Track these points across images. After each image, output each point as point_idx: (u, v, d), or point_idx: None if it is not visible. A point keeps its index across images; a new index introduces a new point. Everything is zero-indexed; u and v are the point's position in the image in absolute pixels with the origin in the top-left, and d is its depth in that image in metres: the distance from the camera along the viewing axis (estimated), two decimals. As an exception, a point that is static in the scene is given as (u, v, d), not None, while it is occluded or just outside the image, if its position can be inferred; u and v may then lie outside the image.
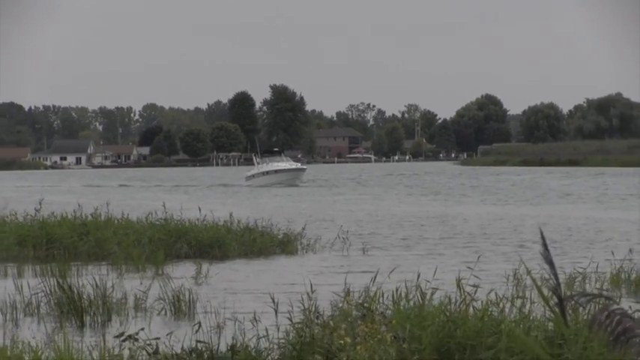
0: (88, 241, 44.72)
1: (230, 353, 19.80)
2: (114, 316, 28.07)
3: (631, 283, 30.44)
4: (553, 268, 6.40)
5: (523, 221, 61.64)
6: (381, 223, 62.97)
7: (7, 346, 12.72)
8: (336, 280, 21.74)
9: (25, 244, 45.26)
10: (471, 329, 19.06)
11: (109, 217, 48.67)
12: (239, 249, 45.08)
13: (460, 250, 43.78)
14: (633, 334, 6.03)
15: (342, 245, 46.74)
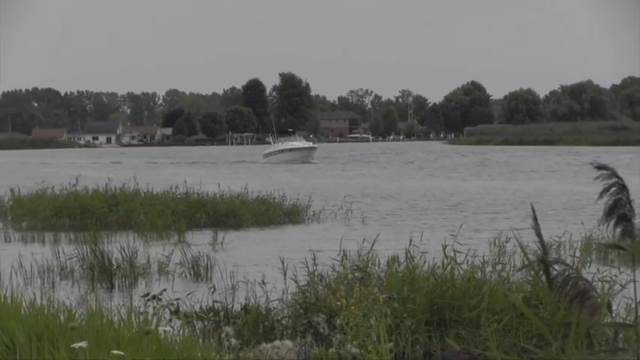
0: (117, 211, 44.90)
1: (243, 312, 19.81)
2: (139, 278, 28.12)
3: (600, 250, 30.46)
4: (541, 239, 6.37)
5: (505, 194, 61.58)
6: (378, 196, 62.95)
7: (44, 306, 12.68)
8: (337, 247, 21.65)
9: (61, 214, 45.37)
10: (459, 290, 19.07)
11: (137, 190, 48.78)
12: (252, 219, 45.21)
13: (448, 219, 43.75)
14: (588, 296, 6.02)
15: (344, 216, 46.81)
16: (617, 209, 6.09)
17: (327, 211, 48.25)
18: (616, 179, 6.11)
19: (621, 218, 6.10)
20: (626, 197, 6.06)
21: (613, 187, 6.09)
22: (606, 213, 6.09)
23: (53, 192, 49.81)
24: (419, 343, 18.04)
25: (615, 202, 6.10)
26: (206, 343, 11.85)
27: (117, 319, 12.15)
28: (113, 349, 9.99)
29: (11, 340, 10.82)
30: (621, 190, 6.08)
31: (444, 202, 58.38)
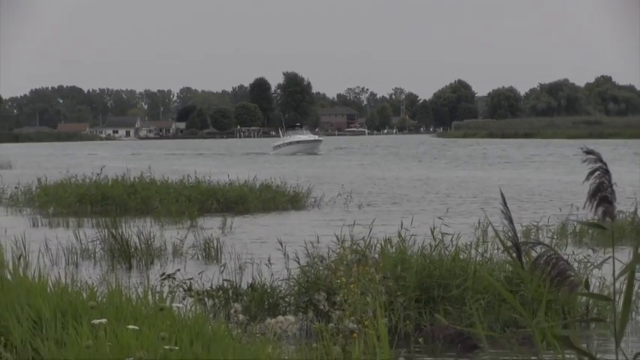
0: (135, 198, 45.01)
1: (250, 290, 19.81)
2: (155, 259, 28.12)
3: (576, 234, 30.44)
4: (511, 223, 6.33)
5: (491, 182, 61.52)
6: (374, 184, 62.94)
7: (68, 285, 12.65)
8: (336, 231, 21.66)
9: (84, 201, 45.47)
10: (446, 270, 19.07)
11: (153, 179, 48.86)
12: (258, 205, 45.31)
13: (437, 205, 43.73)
14: (566, 275, 5.99)
15: (343, 202, 46.80)
16: (600, 192, 6.09)
17: (327, 197, 48.32)
18: (600, 164, 6.11)
19: (603, 200, 6.10)
20: (608, 181, 6.06)
21: (597, 171, 6.09)
22: (590, 195, 6.09)
23: (77, 181, 49.95)
24: (410, 319, 18.02)
25: (599, 185, 6.10)
26: (216, 319, 11.83)
27: (134, 296, 12.15)
28: (131, 324, 9.97)
29: (38, 315, 10.81)
30: (604, 174, 6.08)
31: (433, 189, 58.41)
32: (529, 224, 30.56)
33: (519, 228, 30.23)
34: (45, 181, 51.42)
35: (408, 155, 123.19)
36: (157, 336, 9.28)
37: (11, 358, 9.86)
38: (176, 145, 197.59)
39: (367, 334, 7.79)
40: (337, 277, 8.00)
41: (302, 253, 20.81)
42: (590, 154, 6.11)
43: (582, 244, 29.05)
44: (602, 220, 6.07)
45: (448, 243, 20.46)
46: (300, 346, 10.60)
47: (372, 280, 7.70)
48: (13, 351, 10.12)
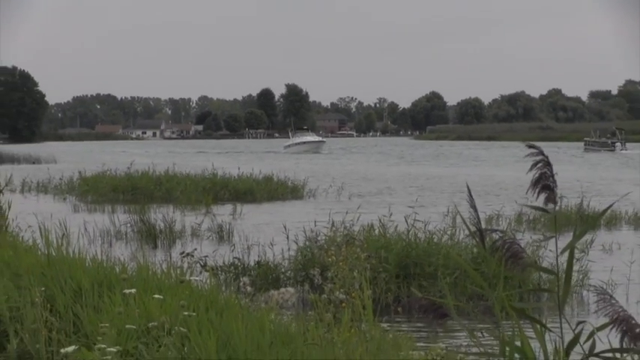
0: (160, 189, 45.14)
1: (256, 266, 19.84)
2: (177, 240, 28.11)
3: (530, 221, 30.45)
4: (475, 211, 6.34)
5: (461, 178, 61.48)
6: (362, 178, 62.94)
7: (103, 260, 12.65)
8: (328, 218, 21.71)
9: (117, 190, 45.61)
10: (421, 251, 19.10)
11: (175, 173, 49.00)
12: (264, 195, 45.40)
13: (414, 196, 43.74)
14: (519, 256, 6.00)
15: (335, 193, 46.80)
16: (542, 180, 6.10)
17: (321, 189, 48.36)
18: (542, 157, 6.14)
19: (545, 187, 6.11)
20: (550, 171, 6.08)
21: (539, 162, 6.11)
22: (533, 183, 6.12)
23: (111, 173, 50.09)
24: (391, 291, 18.04)
25: (541, 174, 6.11)
26: (227, 290, 11.84)
27: (159, 271, 12.14)
28: (156, 294, 9.97)
29: (78, 286, 10.80)
30: (546, 166, 6.10)
31: (411, 183, 58.42)
32: (492, 213, 30.60)
33: (484, 216, 30.32)
34: (84, 173, 51.58)
35: (390, 154, 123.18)
36: (177, 304, 9.28)
37: (56, 322, 9.86)
38: (194, 144, 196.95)
39: (354, 304, 7.77)
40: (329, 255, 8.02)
41: (300, 235, 20.84)
42: (533, 148, 6.14)
43: (536, 229, 29.06)
44: (545, 204, 6.11)
45: (423, 228, 20.52)
46: (298, 313, 10.60)
47: (358, 259, 7.71)
48: (57, 316, 10.13)
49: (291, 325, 9.09)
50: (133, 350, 8.66)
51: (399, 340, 8.77)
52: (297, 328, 8.77)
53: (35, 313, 9.76)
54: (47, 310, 9.97)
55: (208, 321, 8.72)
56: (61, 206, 40.50)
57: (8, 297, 10.67)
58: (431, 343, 11.22)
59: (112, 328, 9.02)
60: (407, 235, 19.92)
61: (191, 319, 8.60)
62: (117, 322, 9.23)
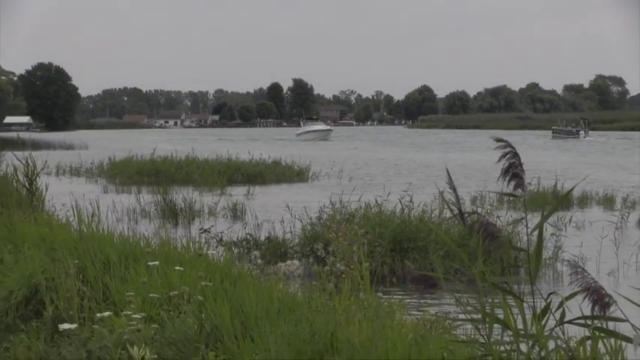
0: (180, 172, 45.27)
1: (266, 241, 19.84)
2: (195, 218, 28.13)
3: (510, 202, 30.40)
4: (455, 192, 6.35)
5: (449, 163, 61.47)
6: (361, 162, 62.93)
7: (129, 236, 12.66)
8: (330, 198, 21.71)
9: (142, 174, 45.70)
10: (413, 227, 19.10)
11: (194, 157, 49.09)
12: (273, 177, 45.46)
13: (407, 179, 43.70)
14: (495, 236, 6.02)
15: (336, 176, 46.84)
16: (512, 169, 6.15)
17: (323, 172, 48.41)
18: (510, 149, 6.19)
19: (514, 175, 6.16)
20: (518, 161, 6.14)
21: (508, 154, 6.17)
22: (503, 172, 6.18)
23: (137, 158, 50.18)
24: (386, 264, 18.05)
25: (510, 164, 6.15)
26: (240, 263, 11.84)
27: (179, 245, 12.15)
28: (176, 266, 9.98)
29: (107, 259, 10.81)
30: (514, 156, 6.16)
31: (406, 166, 58.40)
32: (475, 194, 30.55)
33: (470, 196, 30.30)
34: (113, 158, 51.67)
35: (386, 141, 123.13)
36: (196, 275, 9.29)
37: (87, 291, 9.87)
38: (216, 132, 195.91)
39: (353, 275, 7.77)
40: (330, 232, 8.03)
41: (304, 214, 20.85)
42: (501, 142, 6.18)
43: (516, 209, 29.04)
44: (514, 190, 6.16)
45: (416, 208, 20.55)
46: (303, 283, 10.60)
47: (357, 235, 7.72)
48: (88, 285, 10.14)
49: (297, 293, 9.10)
50: (156, 316, 8.67)
51: (393, 308, 8.76)
52: (303, 297, 8.78)
53: (69, 283, 9.77)
54: (79, 281, 9.99)
55: (223, 290, 8.72)
56: (92, 188, 40.54)
57: (44, 269, 10.69)
58: (422, 310, 11.22)
59: (137, 296, 9.03)
60: (401, 214, 19.96)
61: (208, 288, 8.61)
62: (141, 291, 9.24)
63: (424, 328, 7.97)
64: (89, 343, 8.43)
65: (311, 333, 7.14)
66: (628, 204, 29.54)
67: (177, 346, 7.75)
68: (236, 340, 7.44)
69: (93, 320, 8.90)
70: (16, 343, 9.62)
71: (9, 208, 15.88)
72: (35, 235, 12.79)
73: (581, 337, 6.04)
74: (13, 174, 19.19)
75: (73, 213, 14.18)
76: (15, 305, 10.57)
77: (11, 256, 12.10)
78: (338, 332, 7.00)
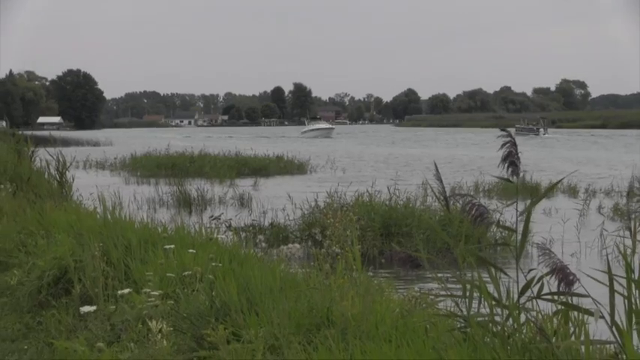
0: (194, 166, 45.17)
1: (270, 227, 19.84)
2: (207, 206, 28.08)
3: (486, 190, 30.42)
4: (440, 181, 6.34)
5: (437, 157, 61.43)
6: (354, 156, 62.94)
7: (149, 222, 12.64)
8: (326, 188, 21.73)
9: (160, 167, 45.72)
10: (400, 214, 19.11)
11: (206, 153, 49.13)
12: (276, 171, 45.48)
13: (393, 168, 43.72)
14: (484, 217, 6.00)
15: (332, 168, 46.87)
16: (509, 157, 6.15)
17: (320, 165, 48.46)
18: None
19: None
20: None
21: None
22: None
23: (155, 153, 50.18)
24: (376, 246, 18.05)
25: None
26: (247, 246, 11.82)
27: (193, 230, 12.13)
28: (190, 249, 9.96)
29: (128, 243, 10.79)
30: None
31: (394, 160, 58.39)
32: (454, 184, 30.56)
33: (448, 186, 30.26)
34: (135, 153, 51.66)
35: (377, 138, 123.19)
36: (207, 257, 9.27)
37: (111, 271, 9.86)
38: (226, 131, 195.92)
39: (347, 257, 7.75)
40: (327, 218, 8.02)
41: (304, 203, 20.84)
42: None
43: (490, 198, 29.06)
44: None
45: (402, 196, 20.56)
46: (303, 264, 10.59)
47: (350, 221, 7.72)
48: (112, 266, 10.13)
49: (297, 273, 9.08)
50: (172, 293, 8.65)
51: (382, 285, 8.75)
52: (302, 276, 8.77)
53: (94, 264, 9.76)
54: (104, 262, 9.98)
55: (231, 270, 8.70)
56: (116, 180, 40.51)
57: (73, 252, 10.67)
58: (407, 287, 11.20)
59: (155, 276, 9.02)
60: (389, 202, 19.96)
61: (218, 268, 8.59)
62: (159, 271, 9.23)
63: (409, 303, 7.95)
64: (113, 317, 8.43)
65: (309, 308, 7.13)
66: (589, 193, 29.62)
67: (191, 320, 7.74)
68: (242, 314, 7.42)
69: (116, 297, 8.89)
70: (48, 317, 9.62)
71: (42, 198, 15.86)
72: (65, 222, 12.77)
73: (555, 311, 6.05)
74: (45, 168, 19.15)
75: (99, 202, 14.15)
76: (47, 284, 10.56)
77: (43, 240, 12.09)
78: (333, 307, 6.99)
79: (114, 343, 7.99)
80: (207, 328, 7.12)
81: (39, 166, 19.53)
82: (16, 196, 15.82)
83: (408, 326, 6.65)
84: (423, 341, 6.06)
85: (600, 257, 17.73)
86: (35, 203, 15.09)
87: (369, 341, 6.15)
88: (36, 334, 9.43)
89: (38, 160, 20.06)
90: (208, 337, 6.89)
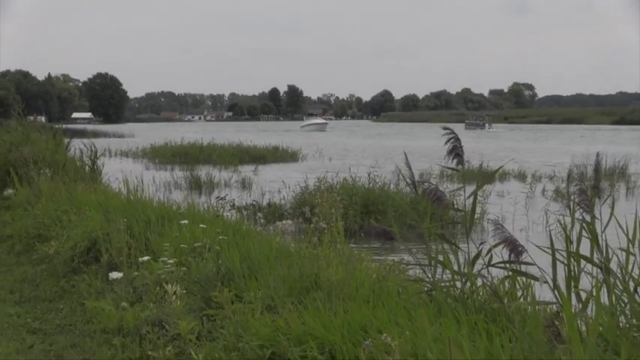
0: (203, 154, 44.97)
1: (267, 206, 19.81)
2: (215, 188, 28.00)
3: (448, 176, 30.45)
4: (410, 168, 6.34)
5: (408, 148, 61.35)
6: (339, 147, 62.85)
7: (165, 201, 12.64)
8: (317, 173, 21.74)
9: (175, 155, 45.45)
10: (377, 195, 19.12)
11: (213, 143, 48.98)
12: (272, 158, 45.39)
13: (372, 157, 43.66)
14: (442, 199, 6.01)
15: (320, 157, 46.79)
16: (454, 150, 6.14)
17: (310, 153, 48.41)
18: (454, 135, 6.17)
19: (456, 154, 6.15)
20: (459, 144, 6.14)
21: (452, 138, 6.15)
22: (448, 152, 6.17)
23: (171, 144, 49.98)
24: (356, 223, 18.05)
25: (454, 146, 6.13)
26: (248, 222, 11.82)
27: (202, 209, 12.11)
28: (200, 224, 9.94)
29: (148, 219, 10.77)
30: (456, 140, 6.14)
31: (372, 150, 58.33)
32: (422, 171, 30.55)
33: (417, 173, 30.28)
34: (154, 143, 51.46)
35: (360, 132, 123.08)
36: (214, 231, 9.26)
37: (133, 242, 9.84)
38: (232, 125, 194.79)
39: (332, 231, 7.76)
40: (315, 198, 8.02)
41: (296, 186, 20.82)
42: (447, 129, 6.18)
43: (452, 182, 29.09)
44: (456, 166, 6.17)
45: (379, 181, 20.57)
46: (294, 237, 10.59)
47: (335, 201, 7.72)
48: (134, 238, 10.11)
49: (289, 245, 9.08)
50: (185, 261, 8.64)
51: (361, 255, 8.77)
52: (294, 247, 8.77)
53: (119, 237, 9.74)
54: (127, 235, 9.96)
55: (234, 242, 8.70)
56: (137, 166, 40.37)
57: (101, 226, 10.65)
58: (383, 257, 11.23)
59: (171, 246, 9.00)
60: (368, 185, 19.97)
61: (223, 241, 8.58)
62: (174, 243, 9.21)
63: (384, 270, 7.97)
64: (135, 282, 8.41)
65: (300, 274, 7.13)
66: (535, 178, 29.70)
67: (200, 284, 7.74)
68: (244, 279, 7.42)
69: (137, 265, 8.88)
70: (80, 281, 9.62)
71: (75, 181, 15.82)
72: (94, 201, 12.74)
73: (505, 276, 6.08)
74: (79, 156, 19.07)
75: (123, 185, 14.13)
76: (79, 253, 10.55)
77: (76, 216, 12.07)
78: (320, 273, 6.99)
79: (136, 303, 7.99)
80: (214, 290, 7.12)
81: (73, 154, 19.42)
82: (54, 180, 15.76)
83: (383, 289, 6.66)
84: (395, 302, 6.07)
85: (545, 232, 17.79)
86: (69, 185, 15.05)
87: (351, 302, 6.16)
88: (70, 296, 9.42)
89: (72, 150, 19.96)
90: (215, 298, 6.90)
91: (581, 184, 5.88)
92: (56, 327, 8.28)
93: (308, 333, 5.50)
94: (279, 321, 5.84)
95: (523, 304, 5.74)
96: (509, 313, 5.56)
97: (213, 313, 6.89)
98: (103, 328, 7.77)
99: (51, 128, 21.17)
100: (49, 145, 18.37)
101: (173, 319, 6.95)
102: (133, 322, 7.39)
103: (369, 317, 5.51)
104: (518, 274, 5.96)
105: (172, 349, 6.50)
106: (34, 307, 9.09)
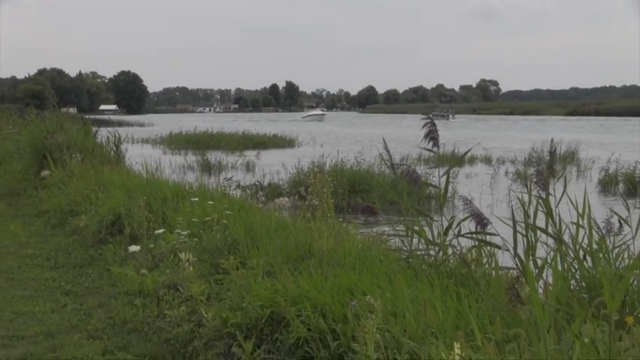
0: (213, 141, 44.83)
1: (268, 186, 19.75)
2: (223, 170, 27.91)
3: (425, 159, 30.40)
4: (388, 151, 6.31)
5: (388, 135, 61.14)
6: (332, 135, 62.71)
7: (179, 182, 12.60)
8: (311, 158, 21.68)
9: (189, 142, 45.26)
10: (362, 176, 19.10)
11: (222, 131, 48.79)
12: (272, 144, 45.29)
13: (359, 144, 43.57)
14: (417, 179, 5.99)
15: (313, 143, 46.69)
16: (430, 134, 6.11)
17: (305, 140, 48.30)
18: (430, 121, 6.15)
19: (432, 138, 6.13)
20: (435, 129, 6.12)
21: (429, 124, 6.12)
22: (425, 135, 6.15)
23: (186, 132, 49.76)
24: (345, 200, 18.02)
25: (430, 130, 6.11)
26: (251, 200, 11.78)
27: (212, 188, 12.06)
28: (209, 201, 9.90)
29: (165, 197, 10.74)
30: (432, 125, 6.11)
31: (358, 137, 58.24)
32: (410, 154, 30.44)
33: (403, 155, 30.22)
34: (171, 132, 51.23)
35: (347, 122, 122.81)
36: (222, 207, 9.23)
37: (152, 217, 9.81)
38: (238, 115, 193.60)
39: (323, 207, 7.74)
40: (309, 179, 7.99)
41: (292, 168, 20.77)
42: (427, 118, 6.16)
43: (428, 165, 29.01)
44: (432, 148, 6.15)
45: (364, 164, 20.53)
46: (291, 212, 10.57)
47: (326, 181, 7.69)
48: (153, 213, 10.07)
49: (286, 219, 9.06)
50: (196, 233, 8.61)
51: (349, 228, 8.75)
52: (290, 221, 8.74)
53: (139, 212, 9.71)
54: (147, 210, 9.92)
55: (239, 217, 8.67)
56: (156, 151, 40.17)
57: (124, 202, 10.61)
58: (367, 230, 11.22)
59: (184, 220, 8.97)
60: (355, 167, 19.93)
61: (230, 215, 8.55)
62: (187, 217, 9.18)
63: (368, 241, 7.95)
64: (153, 250, 8.39)
65: (295, 244, 7.12)
66: (499, 161, 29.71)
67: (210, 252, 7.71)
68: (247, 248, 7.40)
69: (155, 236, 8.85)
70: (106, 250, 9.60)
71: (102, 164, 15.77)
72: (118, 181, 12.69)
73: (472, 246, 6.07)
74: (105, 142, 18.98)
75: (143, 167, 14.06)
76: (105, 226, 10.52)
77: (103, 194, 12.02)
78: (313, 244, 6.98)
79: (154, 269, 7.97)
80: (222, 258, 7.10)
81: (100, 141, 19.30)
82: (83, 163, 15.71)
83: (367, 257, 6.65)
84: (378, 268, 6.06)
85: (507, 208, 17.80)
86: (97, 168, 14.99)
87: (339, 268, 6.15)
88: (97, 263, 9.41)
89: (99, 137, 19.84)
90: (222, 265, 6.88)
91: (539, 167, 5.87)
92: (86, 289, 8.28)
93: (302, 295, 5.49)
94: (277, 284, 5.83)
95: (488, 269, 5.75)
96: (476, 277, 5.56)
97: (220, 278, 6.88)
98: (126, 291, 7.77)
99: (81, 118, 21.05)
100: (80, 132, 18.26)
101: (186, 283, 6.95)
102: (152, 286, 7.39)
103: (355, 281, 5.50)
104: (484, 243, 5.96)
105: (185, 309, 6.51)
106: (67, 272, 9.08)
